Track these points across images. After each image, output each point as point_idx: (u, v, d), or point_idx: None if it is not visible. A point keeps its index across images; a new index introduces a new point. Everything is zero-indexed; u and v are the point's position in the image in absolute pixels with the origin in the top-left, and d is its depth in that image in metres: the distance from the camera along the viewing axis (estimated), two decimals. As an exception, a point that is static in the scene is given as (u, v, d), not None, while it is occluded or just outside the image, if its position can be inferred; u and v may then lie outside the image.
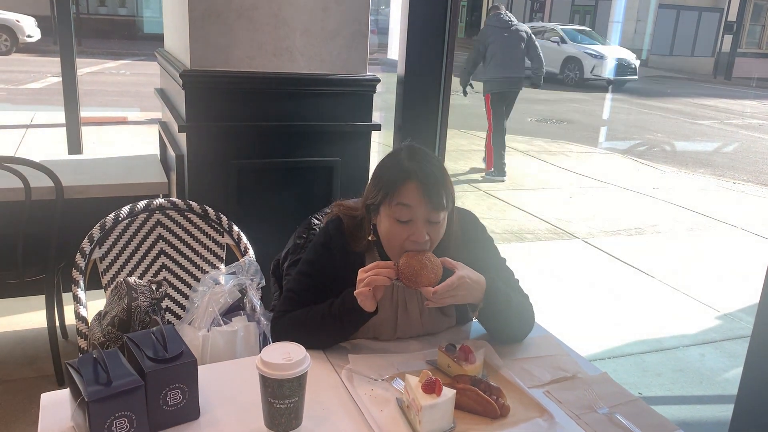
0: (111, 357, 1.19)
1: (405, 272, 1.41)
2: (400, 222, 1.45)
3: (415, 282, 1.41)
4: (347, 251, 1.57)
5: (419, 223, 1.45)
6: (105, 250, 1.94)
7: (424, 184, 1.43)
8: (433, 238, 1.48)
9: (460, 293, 1.45)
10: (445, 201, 1.45)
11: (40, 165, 2.52)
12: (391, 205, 1.46)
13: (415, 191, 1.43)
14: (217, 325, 1.69)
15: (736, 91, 19.38)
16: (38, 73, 11.56)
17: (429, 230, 1.46)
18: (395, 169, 1.47)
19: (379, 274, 1.41)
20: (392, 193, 1.45)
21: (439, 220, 1.47)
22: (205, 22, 2.40)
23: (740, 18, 23.09)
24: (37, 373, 2.78)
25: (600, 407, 1.36)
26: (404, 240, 1.47)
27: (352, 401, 1.33)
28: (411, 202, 1.44)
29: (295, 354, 1.19)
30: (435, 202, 1.43)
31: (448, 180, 1.49)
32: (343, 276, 1.55)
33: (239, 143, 2.54)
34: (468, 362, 1.43)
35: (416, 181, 1.43)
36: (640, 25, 24.98)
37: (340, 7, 2.54)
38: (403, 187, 1.44)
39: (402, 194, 1.44)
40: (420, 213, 1.44)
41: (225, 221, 2.07)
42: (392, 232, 1.48)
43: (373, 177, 1.53)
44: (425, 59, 2.69)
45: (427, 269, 1.41)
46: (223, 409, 1.29)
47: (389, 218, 1.47)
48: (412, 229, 1.45)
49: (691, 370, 3.40)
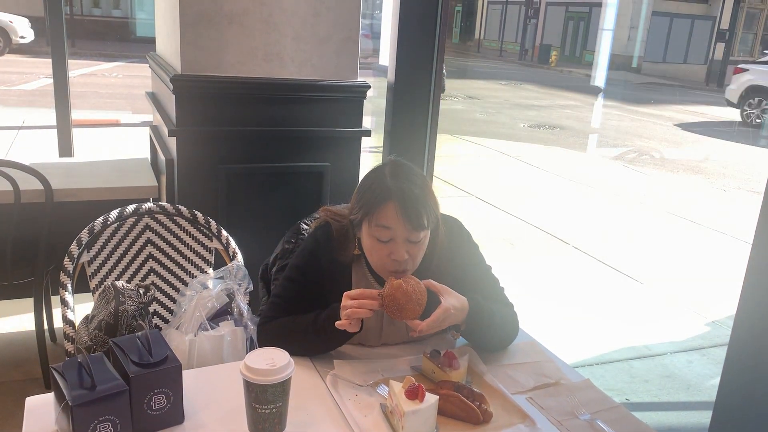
0: (96, 361, 1.20)
1: (389, 305, 1.39)
2: (380, 241, 1.46)
3: (400, 315, 1.40)
4: (334, 260, 1.57)
5: (399, 242, 1.45)
6: (93, 253, 1.95)
7: (404, 206, 1.42)
8: (414, 256, 1.48)
9: (446, 323, 1.46)
10: (425, 221, 1.45)
11: (30, 168, 2.52)
12: (371, 224, 1.46)
13: (395, 212, 1.43)
14: (204, 329, 1.69)
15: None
16: (31, 74, 11.54)
17: (409, 249, 1.46)
18: (376, 187, 1.47)
19: (363, 306, 1.39)
20: (372, 214, 1.45)
21: (419, 240, 1.47)
22: (196, 26, 2.41)
23: (733, 26, 23.26)
24: (24, 375, 2.78)
25: (582, 413, 1.38)
26: (385, 257, 1.47)
27: (336, 406, 1.34)
28: (390, 223, 1.44)
29: (278, 359, 1.20)
30: (414, 223, 1.43)
31: (430, 198, 1.49)
32: (329, 284, 1.56)
33: (229, 148, 2.55)
34: (452, 368, 1.44)
35: (396, 202, 1.43)
36: (633, 32, 25.12)
37: (331, 13, 2.56)
38: (383, 208, 1.44)
39: (381, 215, 1.44)
40: (399, 234, 1.44)
41: (214, 226, 2.07)
42: (373, 250, 1.49)
43: (357, 192, 1.53)
44: (415, 65, 2.71)
45: (412, 302, 1.39)
46: (208, 414, 1.29)
47: (370, 237, 1.48)
48: (392, 248, 1.46)
49: (678, 377, 3.42)
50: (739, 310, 1.61)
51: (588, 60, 26.42)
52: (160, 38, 3.15)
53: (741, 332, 1.60)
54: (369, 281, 1.59)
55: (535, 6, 29.34)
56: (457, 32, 35.98)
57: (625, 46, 25.18)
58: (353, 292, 1.43)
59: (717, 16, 24.91)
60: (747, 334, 1.60)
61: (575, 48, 28.29)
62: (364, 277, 1.60)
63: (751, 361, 1.59)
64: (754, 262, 1.63)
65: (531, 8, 29.18)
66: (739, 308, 1.61)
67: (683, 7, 26.33)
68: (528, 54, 29.22)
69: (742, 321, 1.59)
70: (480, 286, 1.63)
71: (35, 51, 14.34)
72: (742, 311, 1.59)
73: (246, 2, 2.44)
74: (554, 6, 29.04)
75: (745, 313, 1.59)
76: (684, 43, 26.39)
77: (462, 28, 36.38)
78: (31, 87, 10.50)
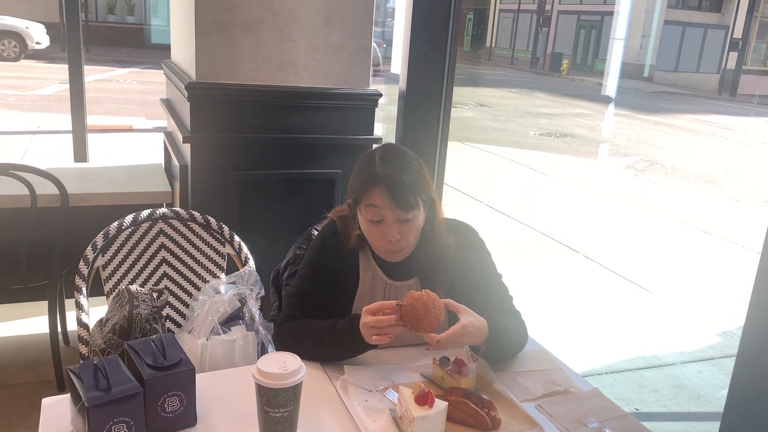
0: (111, 363, 1.22)
1: (408, 314, 1.41)
2: (373, 222, 1.53)
3: (418, 326, 1.41)
4: (341, 250, 1.64)
5: (390, 223, 1.52)
6: (108, 258, 1.98)
7: (391, 189, 1.49)
8: (407, 235, 1.54)
9: (463, 340, 1.47)
10: (413, 201, 1.51)
11: (46, 172, 2.56)
12: (362, 207, 1.54)
13: (382, 195, 1.50)
14: (216, 333, 1.71)
15: (740, 108, 19.42)
16: (46, 80, 11.67)
17: (401, 229, 1.53)
18: (366, 172, 1.54)
19: (385, 328, 1.42)
20: (362, 197, 1.53)
21: (409, 219, 1.52)
22: (212, 35, 2.44)
23: (746, 35, 23.17)
24: (38, 378, 2.81)
25: (590, 422, 1.38)
26: (381, 238, 1.54)
27: (347, 411, 1.36)
28: (378, 203, 1.51)
29: (290, 364, 1.22)
30: (402, 205, 1.49)
31: (421, 180, 1.54)
32: (340, 274, 1.63)
33: (242, 155, 2.58)
34: (461, 375, 1.45)
35: (383, 186, 1.50)
36: (644, 40, 25.06)
37: (344, 23, 2.58)
38: (371, 191, 1.51)
39: (370, 198, 1.52)
40: (388, 215, 1.51)
41: (227, 231, 2.10)
42: (368, 231, 1.57)
43: (351, 175, 1.61)
44: (427, 74, 2.73)
45: (430, 314, 1.41)
46: (220, 417, 1.31)
47: (364, 218, 1.56)
48: (384, 228, 1.53)
49: (688, 387, 3.41)
50: (748, 320, 1.61)
51: (599, 68, 26.39)
52: (176, 46, 3.19)
53: (749, 343, 1.60)
54: (375, 269, 1.66)
55: (547, 14, 29.36)
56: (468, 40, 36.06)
57: (637, 54, 25.13)
58: (372, 307, 1.45)
59: (730, 26, 24.81)
60: (755, 344, 1.60)
61: (587, 56, 28.27)
62: (370, 266, 1.66)
63: (759, 372, 1.59)
64: (762, 273, 1.63)
65: (542, 16, 29.20)
66: (748, 319, 1.61)
67: (696, 16, 26.26)
68: (539, 62, 29.21)
69: (750, 332, 1.59)
70: (489, 291, 1.66)
71: (50, 56, 14.51)
72: (750, 322, 1.59)
73: (260, 12, 2.47)
74: (566, 14, 29.03)
75: (754, 324, 1.59)
76: (696, 52, 26.31)
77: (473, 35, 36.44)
78: (46, 92, 10.62)
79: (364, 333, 1.45)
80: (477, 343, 1.50)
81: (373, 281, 1.66)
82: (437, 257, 1.63)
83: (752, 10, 23.91)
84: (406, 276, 1.66)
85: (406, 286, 1.66)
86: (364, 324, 1.44)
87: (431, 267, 1.64)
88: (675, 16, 25.82)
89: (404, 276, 1.66)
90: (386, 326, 1.42)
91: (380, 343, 1.45)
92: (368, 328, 1.44)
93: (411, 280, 1.66)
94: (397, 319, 1.42)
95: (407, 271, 1.66)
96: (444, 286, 1.65)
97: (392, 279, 1.66)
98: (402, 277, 1.66)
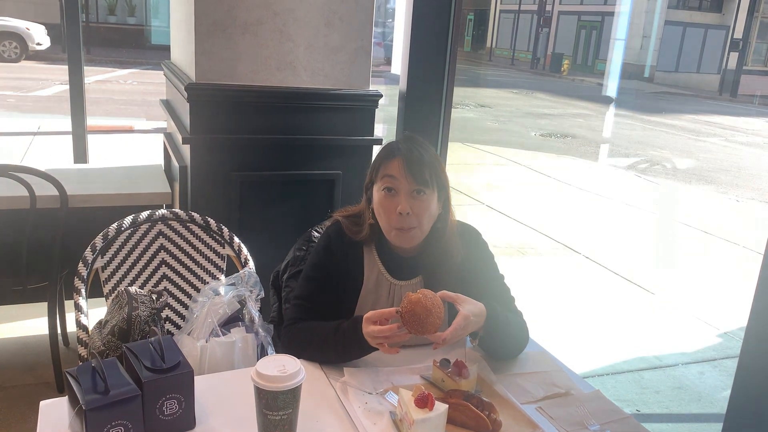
0: (109, 366, 1.21)
1: (410, 321, 1.39)
2: (387, 192, 1.56)
3: (422, 330, 1.39)
4: (347, 250, 1.65)
5: (402, 194, 1.55)
6: (107, 259, 1.97)
7: (408, 160, 1.55)
8: (418, 211, 1.56)
9: (468, 330, 1.47)
10: (428, 178, 1.56)
11: (46, 174, 2.56)
12: (379, 178, 1.59)
13: (399, 165, 1.55)
14: (215, 335, 1.70)
15: (741, 108, 19.41)
16: (47, 81, 11.67)
17: (413, 205, 1.55)
18: (387, 150, 1.62)
19: (388, 337, 1.41)
20: (381, 167, 1.59)
21: (423, 193, 1.56)
22: (211, 36, 2.44)
23: (746, 35, 23.17)
24: (37, 379, 2.80)
25: (591, 424, 1.37)
26: (392, 213, 1.55)
27: (346, 414, 1.35)
28: (395, 173, 1.56)
29: (289, 366, 1.21)
30: (417, 177, 1.54)
31: (437, 164, 1.60)
32: (344, 273, 1.64)
33: (242, 156, 2.57)
34: (462, 377, 1.44)
35: (401, 157, 1.56)
36: (645, 41, 25.05)
37: (344, 23, 2.58)
38: (390, 162, 1.57)
39: (388, 167, 1.57)
40: (403, 185, 1.55)
41: (226, 232, 2.09)
42: (382, 204, 1.58)
43: (373, 160, 1.66)
44: (427, 75, 2.72)
45: (432, 315, 1.39)
46: (218, 420, 1.31)
47: (379, 191, 1.59)
48: (397, 201, 1.55)
49: (689, 388, 3.40)
50: (750, 321, 1.60)
51: (600, 69, 26.39)
52: (175, 47, 3.18)
53: (752, 344, 1.59)
54: (379, 268, 1.65)
55: (548, 15, 29.34)
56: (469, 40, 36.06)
57: (638, 55, 25.13)
58: (372, 315, 1.44)
59: (730, 26, 24.80)
60: (758, 345, 1.59)
61: (587, 57, 28.26)
62: (374, 265, 1.66)
63: (762, 373, 1.58)
64: (765, 273, 1.62)
65: (543, 17, 29.18)
66: (750, 320, 1.60)
67: (696, 16, 26.26)
68: (540, 63, 29.20)
69: (752, 333, 1.58)
70: (492, 292, 1.66)
71: (51, 57, 14.51)
72: (753, 323, 1.58)
73: (260, 12, 2.46)
74: (566, 15, 29.03)
75: (756, 325, 1.59)
76: (697, 52, 26.30)
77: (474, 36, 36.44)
78: (47, 93, 10.62)
79: (370, 342, 1.45)
80: (476, 328, 1.50)
81: (378, 280, 1.65)
82: (443, 258, 1.63)
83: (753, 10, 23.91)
84: (411, 275, 1.66)
85: (411, 285, 1.65)
86: (368, 333, 1.44)
87: (436, 268, 1.64)
88: (675, 17, 25.81)
89: (409, 275, 1.66)
90: (391, 335, 1.41)
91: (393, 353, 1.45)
92: (373, 338, 1.43)
93: (415, 279, 1.66)
94: (400, 326, 1.41)
95: (412, 270, 1.66)
96: (447, 287, 1.65)
97: (396, 278, 1.66)
98: (406, 277, 1.66)
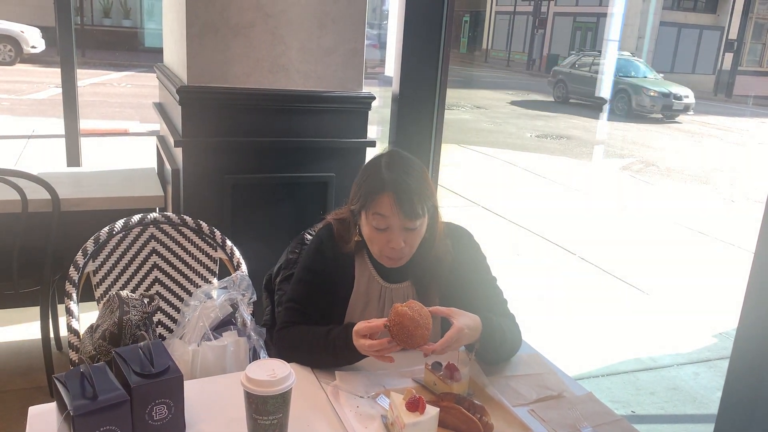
0: (98, 371, 1.20)
1: (398, 334, 1.38)
2: (378, 230, 1.52)
3: (411, 342, 1.38)
4: (338, 253, 1.63)
5: (395, 231, 1.52)
6: (99, 263, 1.96)
7: (399, 196, 1.48)
8: (411, 243, 1.54)
9: (461, 342, 1.46)
10: (420, 210, 1.50)
11: (37, 178, 2.54)
12: (368, 214, 1.53)
13: (389, 202, 1.49)
14: (207, 339, 1.70)
15: (736, 109, 19.45)
16: (41, 84, 11.64)
17: (406, 237, 1.53)
18: (373, 178, 1.53)
19: (378, 351, 1.40)
20: (369, 204, 1.52)
21: (415, 227, 1.52)
22: (203, 38, 2.43)
23: (741, 36, 23.21)
24: (30, 384, 2.79)
25: (584, 426, 1.37)
26: (384, 245, 1.53)
27: (338, 418, 1.35)
28: (386, 212, 1.50)
29: (279, 370, 1.21)
30: (409, 212, 1.49)
31: (426, 187, 1.54)
32: (336, 277, 1.63)
33: (235, 158, 2.56)
34: (454, 380, 1.44)
35: (391, 193, 1.49)
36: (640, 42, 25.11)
37: (336, 25, 2.57)
38: (379, 198, 1.50)
39: (377, 205, 1.51)
40: (395, 222, 1.51)
41: (219, 236, 2.08)
42: (372, 238, 1.55)
43: (356, 182, 1.60)
44: (420, 77, 2.72)
45: (420, 327, 1.38)
46: (209, 425, 1.30)
47: (368, 226, 1.54)
48: (389, 236, 1.52)
49: (684, 389, 3.40)
50: (741, 321, 1.60)
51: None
52: (167, 49, 3.18)
53: (743, 345, 1.59)
54: (370, 271, 1.65)
55: (543, 16, 29.39)
56: (464, 42, 36.10)
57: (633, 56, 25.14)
58: (362, 329, 1.43)
59: (725, 27, 24.87)
60: (749, 346, 1.59)
61: (583, 58, 28.25)
62: (365, 267, 1.65)
63: (753, 373, 1.58)
64: (755, 274, 1.62)
65: (538, 18, 29.23)
66: (741, 320, 1.60)
67: (691, 17, 26.34)
68: (535, 64, 29.24)
69: (744, 334, 1.58)
70: (484, 295, 1.65)
71: (46, 61, 14.46)
72: (744, 324, 1.58)
73: (252, 14, 2.46)
74: (562, 16, 29.09)
75: (747, 326, 1.59)
76: (692, 53, 26.37)
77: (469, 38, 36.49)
78: (42, 96, 10.59)
79: (362, 352, 1.44)
80: (472, 341, 1.49)
81: (369, 283, 1.65)
82: (434, 262, 1.62)
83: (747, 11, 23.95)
84: (402, 279, 1.66)
85: (401, 288, 1.65)
86: (359, 347, 1.43)
87: (427, 271, 1.64)
88: (670, 18, 25.87)
89: (399, 279, 1.66)
90: (382, 349, 1.40)
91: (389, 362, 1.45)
92: (364, 351, 1.43)
93: (405, 282, 1.66)
94: (390, 340, 1.40)
95: (403, 274, 1.65)
96: (439, 289, 1.65)
97: (387, 281, 1.65)
98: (397, 280, 1.66)
